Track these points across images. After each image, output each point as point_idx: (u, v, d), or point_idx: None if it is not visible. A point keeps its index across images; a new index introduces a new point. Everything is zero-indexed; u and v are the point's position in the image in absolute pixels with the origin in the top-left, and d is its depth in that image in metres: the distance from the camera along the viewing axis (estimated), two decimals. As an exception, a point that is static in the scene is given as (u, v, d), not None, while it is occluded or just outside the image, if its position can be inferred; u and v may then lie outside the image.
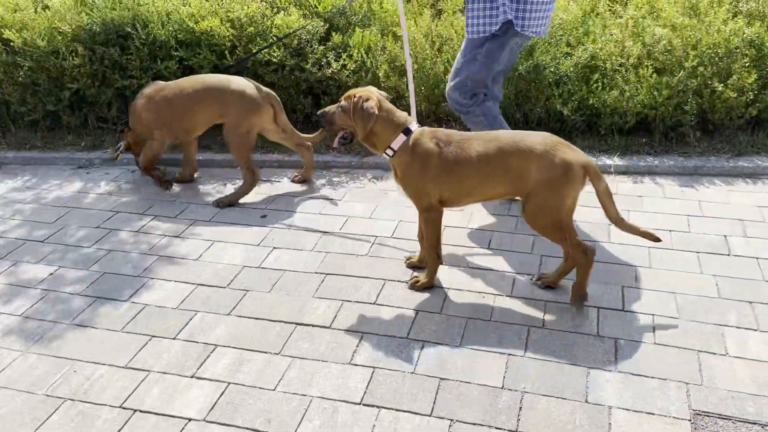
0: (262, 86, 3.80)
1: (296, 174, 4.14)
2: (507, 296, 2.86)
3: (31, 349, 2.64)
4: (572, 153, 2.58)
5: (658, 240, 2.72)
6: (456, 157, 2.67)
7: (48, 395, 2.39)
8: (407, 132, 2.74)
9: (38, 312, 2.88)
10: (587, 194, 2.69)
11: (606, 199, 2.64)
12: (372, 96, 2.74)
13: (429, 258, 2.91)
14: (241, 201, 3.82)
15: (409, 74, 3.69)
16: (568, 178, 2.55)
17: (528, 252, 3.19)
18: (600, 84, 4.19)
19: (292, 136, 3.99)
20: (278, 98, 3.87)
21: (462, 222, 3.49)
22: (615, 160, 4.06)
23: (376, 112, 2.70)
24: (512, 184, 2.66)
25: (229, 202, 3.80)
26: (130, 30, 4.44)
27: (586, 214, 3.45)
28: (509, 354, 2.51)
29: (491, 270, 3.05)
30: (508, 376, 2.40)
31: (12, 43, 4.53)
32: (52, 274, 3.18)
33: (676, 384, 2.32)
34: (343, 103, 2.79)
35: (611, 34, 4.32)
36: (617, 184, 3.86)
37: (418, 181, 2.74)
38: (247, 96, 3.70)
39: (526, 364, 2.45)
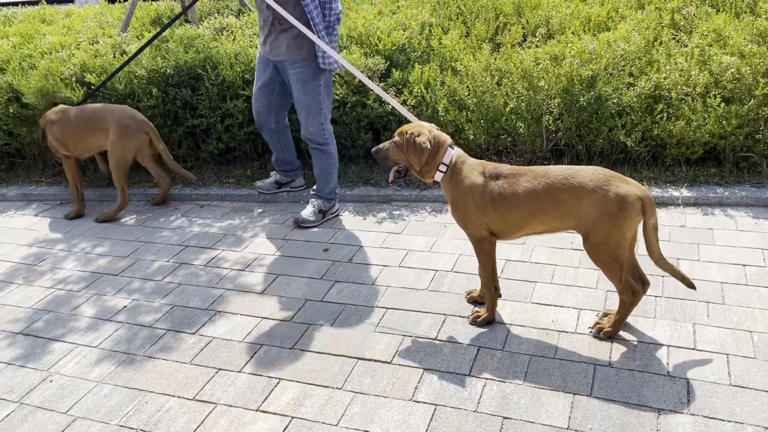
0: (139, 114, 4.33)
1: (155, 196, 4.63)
2: (572, 333, 2.80)
3: (106, 380, 2.76)
4: (627, 186, 2.55)
5: (693, 287, 2.69)
6: (501, 192, 2.69)
7: (121, 426, 2.49)
8: (452, 146, 2.83)
9: (114, 342, 3.01)
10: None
11: (652, 235, 2.60)
12: (423, 131, 2.81)
13: (487, 292, 2.90)
14: (305, 236, 3.92)
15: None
16: (624, 213, 2.51)
17: (593, 287, 3.12)
18: (665, 114, 4.10)
19: (167, 162, 4.46)
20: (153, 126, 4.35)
21: (524, 256, 3.46)
22: (683, 192, 3.94)
23: (429, 146, 2.76)
24: (564, 220, 2.64)
25: (105, 219, 4.37)
26: (201, 72, 4.67)
27: (653, 247, 3.37)
28: (574, 393, 2.45)
29: (555, 306, 3.00)
30: (573, 416, 2.34)
31: (92, 86, 4.83)
32: (126, 306, 3.32)
33: (754, 429, 2.21)
34: (396, 139, 2.87)
35: (676, 63, 4.24)
36: (686, 217, 3.75)
37: (465, 211, 2.77)
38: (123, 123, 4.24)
39: (592, 405, 2.39)
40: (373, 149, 2.97)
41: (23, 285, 3.61)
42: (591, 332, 2.78)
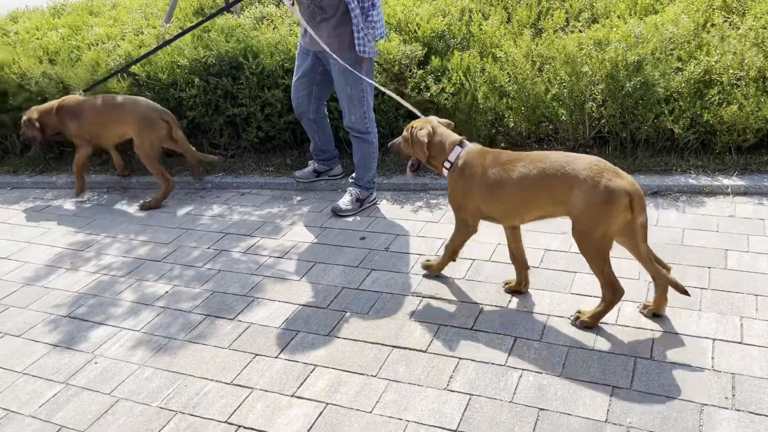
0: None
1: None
2: (612, 324, 2.74)
3: (147, 363, 2.83)
4: (618, 180, 2.50)
5: (686, 294, 2.61)
6: (498, 178, 2.74)
7: (161, 408, 2.55)
8: (461, 144, 2.96)
9: (155, 327, 3.08)
10: (702, 217, 2.54)
11: (641, 233, 2.56)
12: (426, 125, 3.00)
13: (445, 256, 3.16)
14: (342, 225, 3.93)
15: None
16: (610, 206, 2.49)
17: (635, 278, 3.04)
18: (716, 99, 3.94)
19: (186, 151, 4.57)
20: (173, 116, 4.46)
21: (564, 245, 3.39)
22: (734, 180, 3.80)
23: (426, 139, 2.94)
24: (557, 207, 2.65)
25: (149, 206, 4.44)
26: (241, 61, 4.71)
27: (700, 238, 3.25)
28: (613, 386, 2.39)
29: (595, 297, 2.93)
30: (612, 409, 2.29)
31: (137, 77, 4.94)
32: (167, 292, 3.39)
33: (805, 427, 2.12)
34: (405, 134, 3.05)
35: (729, 46, 4.07)
36: (735, 206, 3.61)
37: (459, 196, 2.94)
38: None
39: (631, 397, 2.33)
40: (389, 143, 3.05)
41: (70, 270, 3.72)
42: (570, 319, 2.79)
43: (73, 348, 2.98)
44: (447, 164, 2.96)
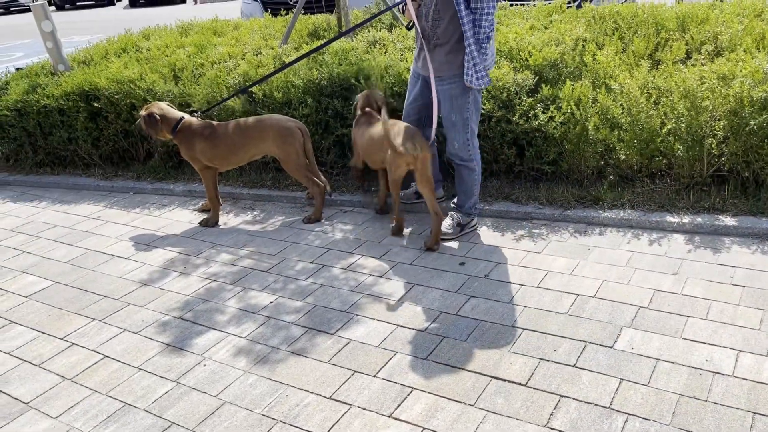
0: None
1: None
2: (728, 376, 2.58)
3: (251, 370, 2.95)
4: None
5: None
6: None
7: (263, 415, 2.64)
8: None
9: (258, 336, 3.21)
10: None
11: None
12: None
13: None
14: (441, 248, 3.95)
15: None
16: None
17: (755, 328, 2.86)
18: None
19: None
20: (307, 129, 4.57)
21: (675, 287, 3.24)
22: None
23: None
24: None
25: (311, 220, 4.57)
26: (353, 82, 4.86)
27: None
28: (729, 442, 2.25)
29: (709, 344, 2.78)
30: (727, 467, 2.15)
31: (253, 95, 5.20)
32: (272, 302, 3.52)
33: None
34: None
35: None
36: None
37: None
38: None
39: (749, 457, 2.18)
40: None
41: (183, 274, 3.94)
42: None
43: (184, 349, 3.16)
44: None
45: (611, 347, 2.83)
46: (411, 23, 3.95)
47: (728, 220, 3.77)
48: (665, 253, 3.60)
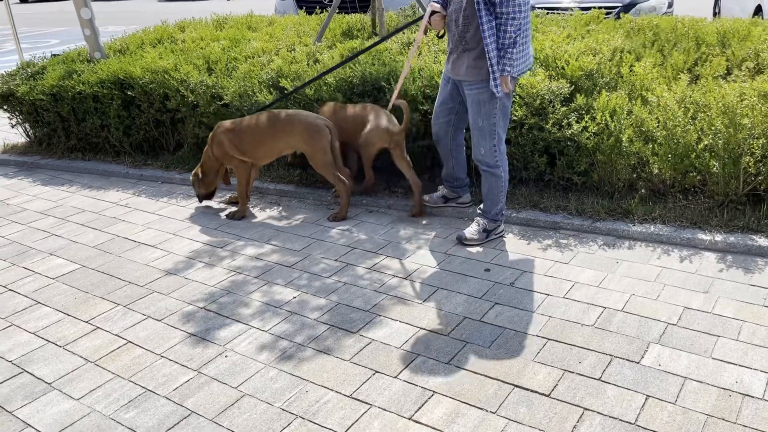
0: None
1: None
2: (758, 398, 2.51)
3: (272, 364, 2.94)
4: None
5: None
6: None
7: (283, 409, 2.64)
8: None
9: (281, 331, 3.21)
10: None
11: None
12: None
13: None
14: (467, 254, 3.91)
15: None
16: None
17: (788, 352, 2.78)
18: None
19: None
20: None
21: (705, 305, 3.17)
22: None
23: None
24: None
25: (337, 218, 4.57)
26: (384, 84, 4.85)
27: None
28: (758, 467, 2.19)
29: (740, 365, 2.71)
30: (755, 492, 2.10)
31: (285, 90, 5.21)
32: (295, 297, 3.52)
33: None
34: None
35: None
36: None
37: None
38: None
39: (779, 484, 2.12)
40: None
41: (207, 265, 3.96)
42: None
43: (206, 339, 3.16)
44: None
45: (638, 363, 2.78)
46: (442, 32, 3.95)
47: (762, 241, 3.69)
48: (696, 270, 3.53)
